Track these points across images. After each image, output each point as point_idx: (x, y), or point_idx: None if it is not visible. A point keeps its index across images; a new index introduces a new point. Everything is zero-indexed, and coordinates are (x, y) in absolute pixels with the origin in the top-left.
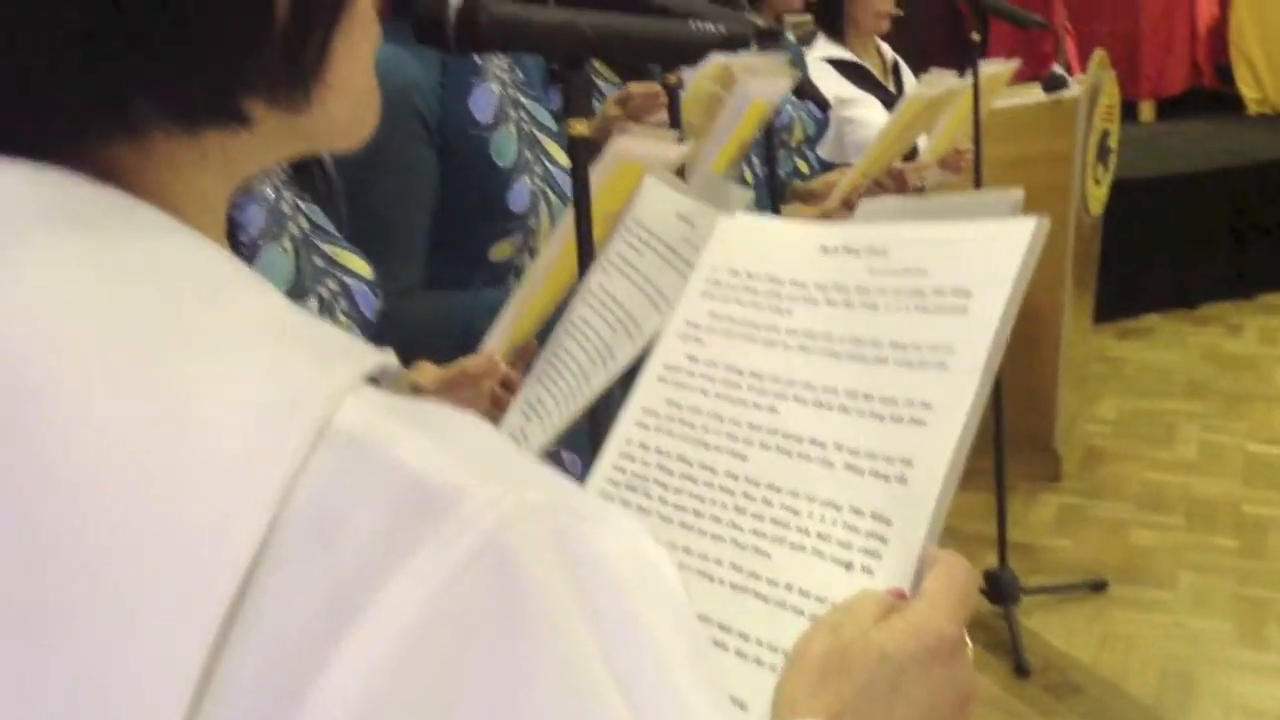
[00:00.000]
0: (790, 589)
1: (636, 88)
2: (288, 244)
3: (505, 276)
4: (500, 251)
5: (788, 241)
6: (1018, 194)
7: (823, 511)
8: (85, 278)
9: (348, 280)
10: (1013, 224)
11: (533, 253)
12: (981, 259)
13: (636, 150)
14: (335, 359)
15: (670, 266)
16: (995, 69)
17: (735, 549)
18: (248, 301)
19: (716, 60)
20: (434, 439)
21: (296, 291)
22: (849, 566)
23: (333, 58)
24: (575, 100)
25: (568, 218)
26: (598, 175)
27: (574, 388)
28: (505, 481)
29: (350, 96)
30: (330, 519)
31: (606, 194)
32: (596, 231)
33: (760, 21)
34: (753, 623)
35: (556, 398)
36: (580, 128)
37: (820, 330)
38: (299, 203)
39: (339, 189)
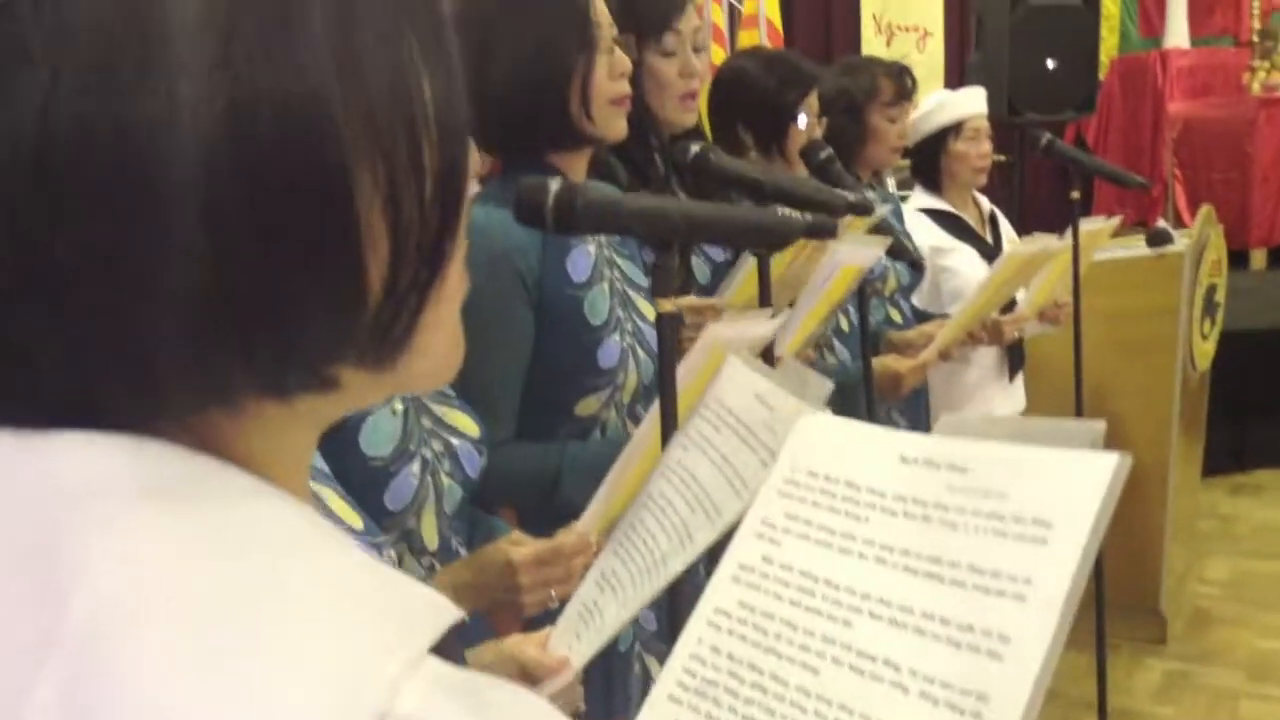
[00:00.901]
0: None
1: (687, 313)
2: (398, 405)
3: (590, 430)
4: (587, 407)
5: (868, 447)
6: (1099, 426)
7: None
8: (173, 556)
9: (454, 441)
10: (1095, 458)
11: (619, 408)
12: (1063, 490)
13: (726, 334)
14: (402, 631)
15: (748, 448)
16: (1095, 226)
17: None
18: (320, 570)
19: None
20: None
21: (401, 453)
22: None
23: (420, 328)
24: (663, 280)
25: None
26: (690, 364)
27: (650, 566)
28: None
29: (434, 357)
30: None
31: (699, 380)
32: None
33: (852, 196)
34: None
35: (633, 573)
36: (666, 306)
37: (898, 544)
38: None
39: None
